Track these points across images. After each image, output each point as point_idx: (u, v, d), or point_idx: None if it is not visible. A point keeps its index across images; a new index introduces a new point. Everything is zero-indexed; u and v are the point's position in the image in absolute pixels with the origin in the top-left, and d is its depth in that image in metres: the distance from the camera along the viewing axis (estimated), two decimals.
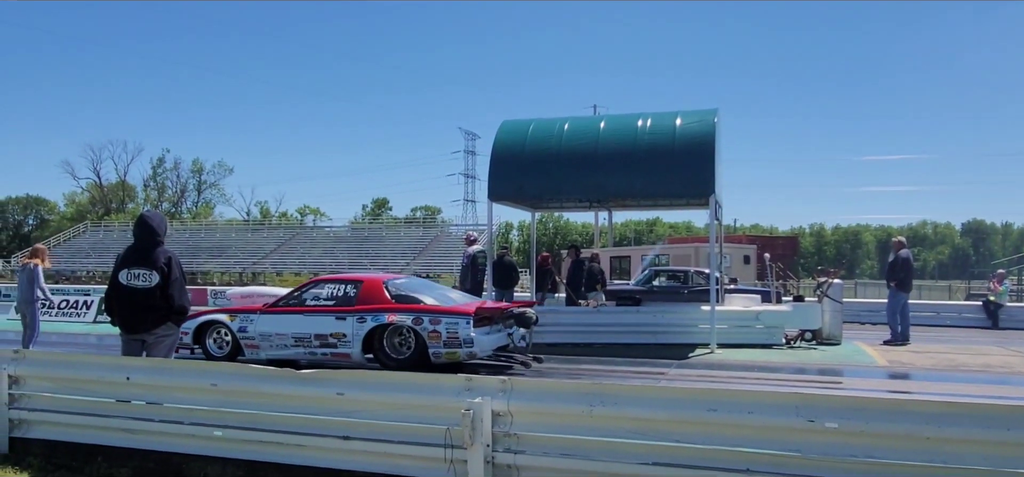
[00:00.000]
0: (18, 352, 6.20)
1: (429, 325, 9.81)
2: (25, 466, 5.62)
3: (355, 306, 10.19)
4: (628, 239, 77.42)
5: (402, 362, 9.74)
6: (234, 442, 5.31)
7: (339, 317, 10.18)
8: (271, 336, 10.45)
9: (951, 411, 4.03)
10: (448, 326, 9.74)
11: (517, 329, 10.77)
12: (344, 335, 10.09)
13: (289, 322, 10.45)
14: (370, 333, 10.03)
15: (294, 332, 10.35)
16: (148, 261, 6.19)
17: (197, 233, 62.82)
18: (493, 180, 13.79)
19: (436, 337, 9.76)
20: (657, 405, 4.50)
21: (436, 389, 4.99)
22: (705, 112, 13.17)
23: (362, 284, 10.49)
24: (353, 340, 10.06)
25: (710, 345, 12.38)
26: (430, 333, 9.78)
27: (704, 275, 17.45)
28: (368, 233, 61.09)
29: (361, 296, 10.30)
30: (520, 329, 10.81)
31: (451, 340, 9.71)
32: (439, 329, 9.76)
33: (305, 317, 10.38)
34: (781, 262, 33.85)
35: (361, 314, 10.10)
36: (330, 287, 10.69)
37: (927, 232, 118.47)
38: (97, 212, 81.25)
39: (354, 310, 10.14)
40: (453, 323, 9.74)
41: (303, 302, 10.61)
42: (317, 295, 10.62)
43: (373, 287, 10.40)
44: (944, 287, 48.22)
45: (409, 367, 9.27)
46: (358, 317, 10.08)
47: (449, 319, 9.79)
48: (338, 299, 10.40)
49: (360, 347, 10.05)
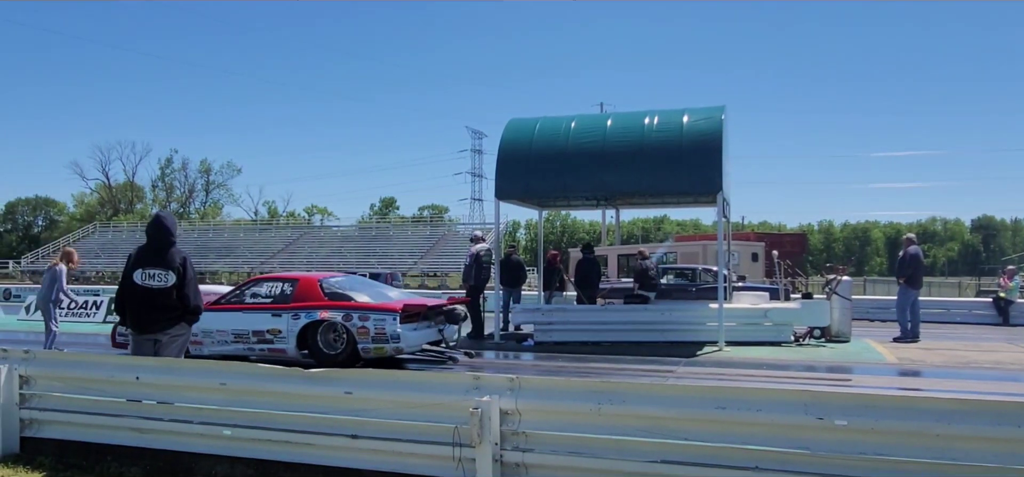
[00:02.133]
0: (28, 352, 6.23)
1: (358, 321, 10.19)
2: (36, 465, 5.65)
3: (291, 304, 10.55)
4: (636, 237, 77.33)
5: (335, 358, 10.13)
6: (243, 441, 5.32)
7: (275, 314, 10.52)
8: (212, 333, 10.70)
9: (961, 408, 4.00)
10: (376, 322, 10.13)
11: (449, 325, 11.19)
12: (280, 331, 10.45)
13: (229, 319, 10.72)
14: (304, 329, 10.38)
15: (234, 329, 10.67)
16: (164, 261, 6.22)
17: (205, 233, 63.12)
18: (500, 179, 13.78)
19: (365, 333, 10.14)
20: (665, 403, 4.49)
21: (444, 388, 4.99)
22: (712, 109, 13.14)
23: (298, 283, 10.90)
24: (288, 336, 10.42)
25: (718, 343, 12.36)
26: (359, 329, 10.16)
27: (712, 272, 17.40)
28: (375, 232, 61.25)
29: (297, 294, 10.67)
30: (451, 325, 11.24)
31: (379, 336, 10.10)
32: (367, 325, 10.14)
33: (244, 315, 10.70)
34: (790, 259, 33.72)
35: (296, 311, 10.46)
36: (268, 285, 11.03)
37: (937, 228, 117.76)
38: (106, 213, 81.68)
39: (289, 307, 10.50)
40: (380, 319, 10.13)
41: (243, 300, 10.92)
42: (256, 293, 10.94)
43: (308, 285, 10.80)
44: (954, 284, 47.96)
45: (341, 363, 9.67)
46: (293, 314, 10.45)
47: (377, 316, 10.17)
48: (275, 297, 10.75)
49: (295, 343, 10.40)
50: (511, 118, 14.37)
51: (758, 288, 18.42)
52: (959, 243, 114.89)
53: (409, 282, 44.77)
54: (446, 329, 11.17)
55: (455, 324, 11.32)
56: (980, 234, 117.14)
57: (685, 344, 12.55)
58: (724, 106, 13.18)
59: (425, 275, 49.88)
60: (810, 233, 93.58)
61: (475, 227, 40.88)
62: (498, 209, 14.66)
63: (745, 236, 33.96)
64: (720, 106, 13.18)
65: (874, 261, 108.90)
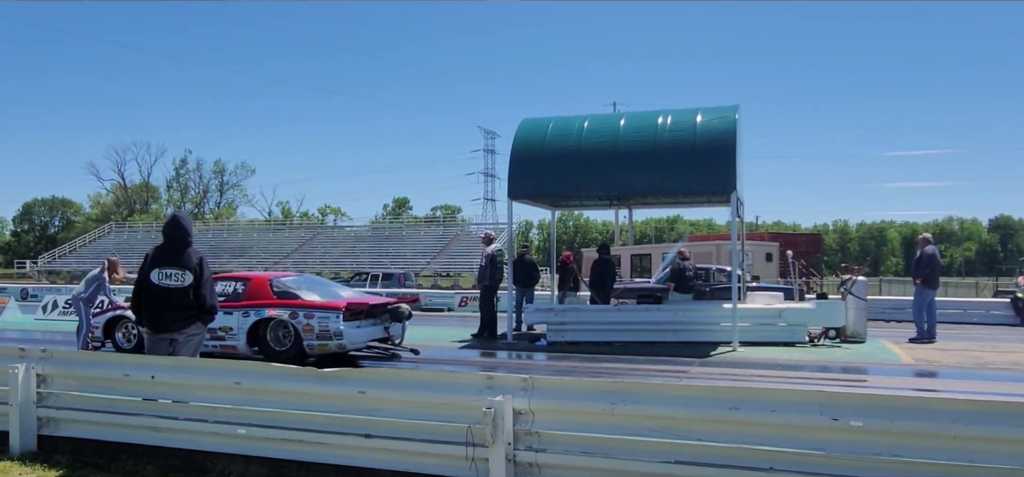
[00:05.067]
0: (46, 351, 6.29)
1: (304, 319, 10.55)
2: (53, 463, 5.70)
3: (242, 302, 10.86)
4: (649, 237, 77.16)
5: (283, 354, 10.47)
6: (257, 440, 5.35)
7: (227, 312, 10.70)
8: None
9: (978, 409, 3.97)
10: (320, 320, 10.48)
11: (394, 323, 11.42)
12: (231, 329, 10.74)
13: None
14: (253, 327, 10.72)
15: None
16: (181, 261, 6.26)
17: (219, 233, 63.45)
18: (513, 179, 13.78)
19: (310, 330, 10.50)
20: (679, 403, 4.48)
21: (457, 387, 5.00)
22: (726, 108, 13.09)
23: (250, 282, 11.26)
24: (239, 333, 10.75)
25: (732, 343, 12.31)
26: (304, 327, 10.52)
27: (726, 273, 17.34)
28: (388, 232, 61.35)
29: (248, 292, 11.01)
30: (396, 323, 11.46)
31: (323, 333, 10.46)
32: (312, 323, 10.50)
33: None
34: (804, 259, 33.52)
35: (246, 309, 10.79)
36: (221, 284, 11.14)
37: (953, 228, 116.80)
38: (121, 213, 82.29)
39: (240, 305, 10.81)
40: (324, 317, 10.48)
41: None
42: None
43: (259, 284, 11.14)
44: (971, 284, 47.57)
45: (289, 359, 9.90)
46: (243, 312, 10.78)
47: (321, 314, 10.52)
48: (227, 295, 10.94)
49: (245, 340, 10.74)
50: (524, 118, 14.39)
51: (772, 288, 18.34)
52: (976, 243, 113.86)
53: (422, 282, 44.83)
54: (391, 327, 11.39)
55: (400, 322, 11.54)
56: (997, 234, 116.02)
57: (699, 344, 12.51)
58: (738, 105, 13.13)
59: (438, 275, 49.96)
60: (825, 233, 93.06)
61: (488, 227, 40.91)
62: (511, 209, 14.67)
63: (759, 236, 33.83)
64: (734, 105, 13.14)
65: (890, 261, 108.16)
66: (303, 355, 10.39)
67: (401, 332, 11.69)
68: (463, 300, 27.84)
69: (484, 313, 14.61)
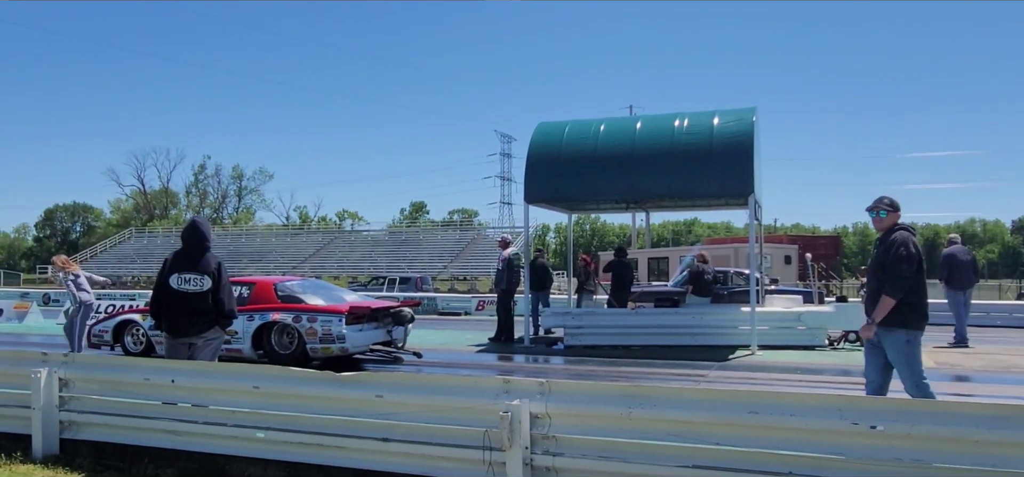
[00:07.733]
0: (68, 355, 6.37)
1: (307, 323, 10.65)
2: (75, 467, 5.75)
3: (247, 306, 10.89)
4: (666, 240, 76.87)
5: (287, 357, 10.54)
6: (275, 443, 5.37)
7: None
8: None
9: (1001, 414, 3.90)
10: (323, 324, 10.58)
11: (396, 326, 11.52)
12: (236, 332, 10.65)
13: None
14: (258, 330, 10.82)
15: None
16: (199, 266, 6.31)
17: (238, 238, 63.97)
18: (529, 182, 13.78)
19: (313, 334, 10.59)
20: (697, 407, 4.45)
21: (474, 391, 5.00)
22: (743, 111, 13.02)
23: (255, 285, 11.38)
24: (244, 337, 10.82)
25: (751, 347, 12.22)
26: (308, 330, 10.62)
27: (744, 276, 17.23)
28: (406, 236, 61.61)
29: (253, 296, 11.11)
30: (398, 327, 11.57)
31: (326, 337, 10.54)
32: (315, 327, 10.60)
33: None
34: (823, 262, 33.30)
35: (251, 313, 10.86)
36: None
37: (976, 230, 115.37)
38: (141, 218, 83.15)
39: (245, 309, 10.79)
40: (327, 321, 10.59)
41: None
42: None
43: (264, 288, 11.25)
44: (994, 286, 46.98)
45: (293, 362, 9.85)
46: (248, 316, 10.82)
47: (324, 317, 10.64)
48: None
49: (250, 343, 10.84)
50: (540, 122, 14.38)
51: (791, 291, 18.20)
52: (999, 245, 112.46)
53: (439, 286, 44.93)
54: (394, 330, 11.47)
55: (402, 325, 11.63)
56: (1021, 235, 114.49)
57: (717, 348, 12.43)
58: (755, 107, 13.05)
59: (455, 279, 50.06)
60: (845, 235, 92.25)
61: (505, 231, 40.92)
62: (527, 213, 14.65)
63: (778, 238, 33.64)
64: (751, 107, 13.06)
65: None
66: (306, 358, 10.48)
67: (403, 335, 11.78)
68: (480, 304, 27.88)
69: (501, 317, 14.62)
